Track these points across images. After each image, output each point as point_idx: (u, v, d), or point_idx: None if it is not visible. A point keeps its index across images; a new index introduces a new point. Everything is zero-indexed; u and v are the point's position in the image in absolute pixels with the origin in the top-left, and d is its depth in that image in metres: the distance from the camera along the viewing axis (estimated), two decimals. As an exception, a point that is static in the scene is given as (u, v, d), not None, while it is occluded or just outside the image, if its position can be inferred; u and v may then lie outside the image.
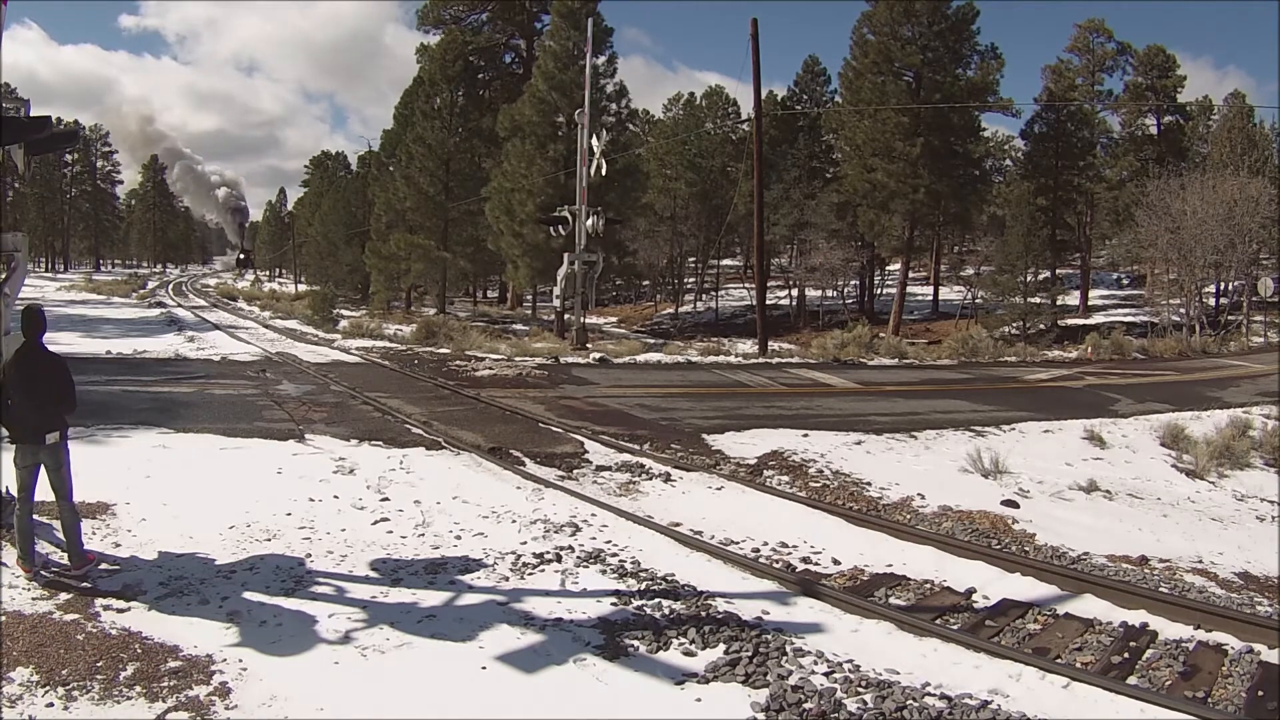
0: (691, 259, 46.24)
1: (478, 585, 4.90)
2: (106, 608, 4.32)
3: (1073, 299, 38.99)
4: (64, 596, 4.44)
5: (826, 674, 3.95)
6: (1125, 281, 44.76)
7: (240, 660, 3.84)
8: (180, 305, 38.28)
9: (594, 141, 19.08)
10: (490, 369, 15.41)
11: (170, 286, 60.18)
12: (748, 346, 23.64)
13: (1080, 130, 37.84)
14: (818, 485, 7.86)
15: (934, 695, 3.77)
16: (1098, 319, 34.64)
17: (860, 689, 3.80)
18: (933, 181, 31.74)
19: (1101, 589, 5.18)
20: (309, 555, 5.22)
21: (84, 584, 4.60)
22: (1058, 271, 37.41)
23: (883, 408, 12.55)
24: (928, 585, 5.37)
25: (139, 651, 3.86)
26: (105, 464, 6.89)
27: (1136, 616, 4.86)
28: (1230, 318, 31.14)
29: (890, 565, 5.69)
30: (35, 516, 4.98)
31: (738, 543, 6.01)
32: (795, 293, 39.60)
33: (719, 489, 7.42)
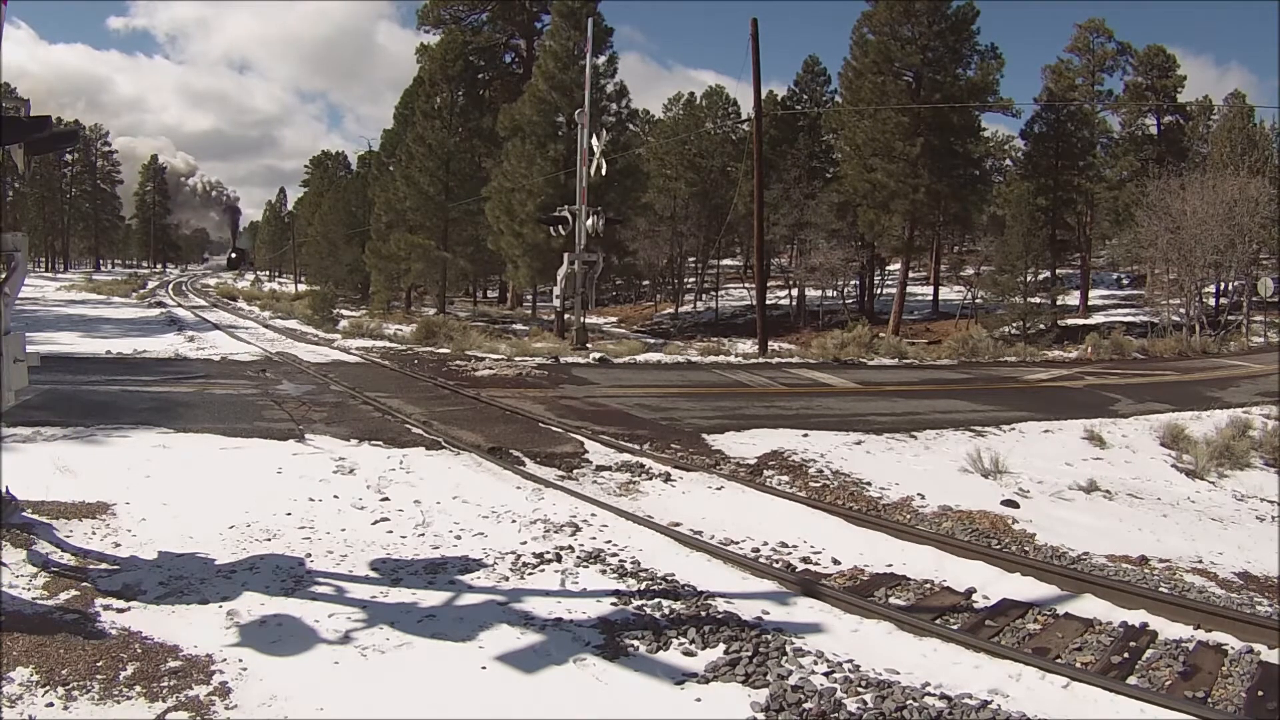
0: (691, 259, 46.23)
1: (478, 585, 4.89)
2: (106, 607, 4.32)
3: (1073, 299, 39.00)
4: (64, 596, 4.44)
5: (826, 674, 3.94)
6: (1125, 281, 44.76)
7: (240, 660, 3.84)
8: (180, 305, 38.29)
9: (594, 141, 19.09)
10: (490, 369, 15.41)
11: (170, 286, 60.21)
12: (748, 346, 23.64)
13: (1080, 130, 37.86)
14: (818, 485, 7.86)
15: (934, 695, 3.77)
16: (1098, 319, 34.65)
17: (860, 689, 3.80)
18: (933, 181, 31.75)
19: (1101, 589, 5.18)
20: (309, 555, 5.21)
21: (84, 583, 4.59)
22: (1058, 271, 37.42)
23: (883, 408, 12.55)
24: (928, 585, 5.37)
25: (139, 651, 3.86)
26: (105, 464, 6.89)
27: (1136, 616, 4.86)
28: (1230, 318, 31.13)
29: (890, 565, 5.69)
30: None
31: (738, 542, 6.00)
32: (795, 293, 39.60)
33: (719, 489, 7.42)
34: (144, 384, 11.82)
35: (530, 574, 5.10)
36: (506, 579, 5.01)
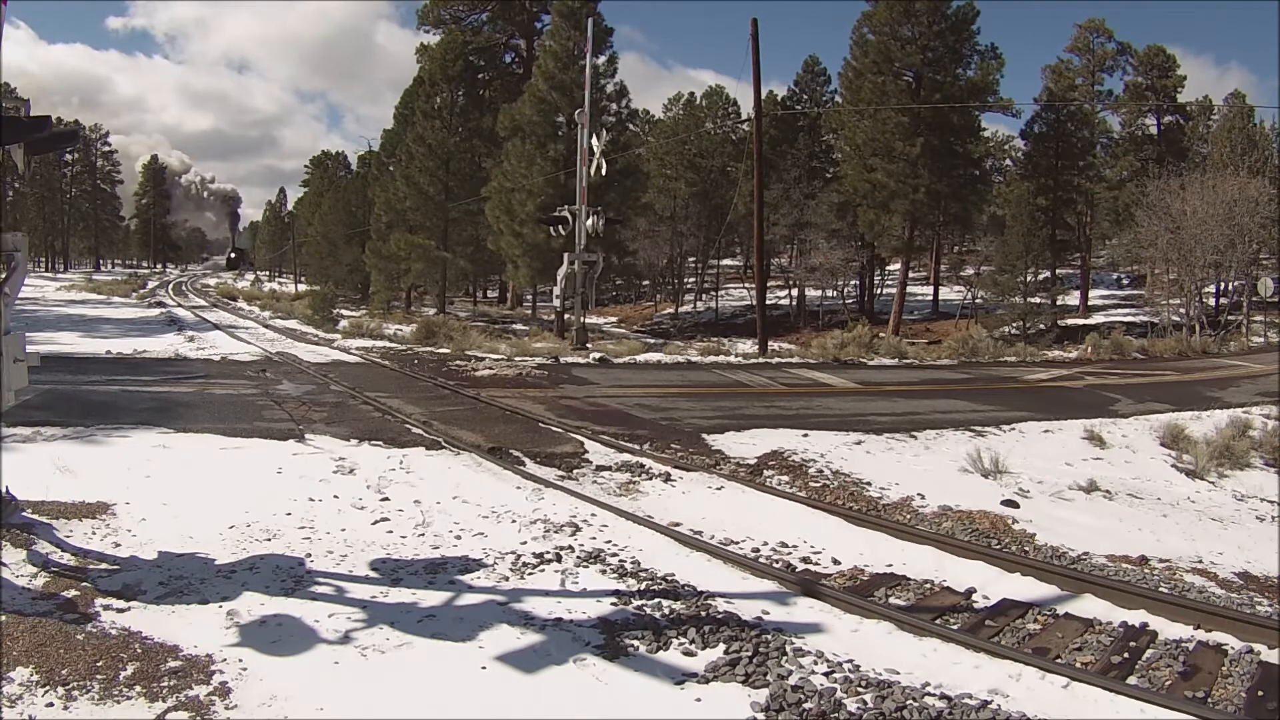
0: (691, 259, 46.24)
1: (478, 585, 4.89)
2: (106, 607, 4.32)
3: (1073, 299, 39.00)
4: (64, 596, 4.44)
5: (826, 674, 3.94)
6: (1125, 281, 44.77)
7: (240, 660, 3.84)
8: (180, 305, 38.29)
9: (594, 141, 19.08)
10: (490, 369, 15.41)
11: (170, 286, 60.22)
12: (748, 346, 23.64)
13: (1080, 130, 37.87)
14: (818, 485, 7.86)
15: (934, 695, 3.77)
16: (1098, 319, 34.65)
17: (860, 689, 3.80)
18: (933, 181, 31.75)
19: (1101, 589, 5.18)
20: (309, 555, 5.21)
21: (84, 583, 4.60)
22: (1058, 271, 37.43)
23: (883, 408, 12.55)
24: (928, 585, 5.37)
25: (139, 651, 3.86)
26: (105, 464, 6.89)
27: (1136, 616, 4.86)
28: (1230, 318, 31.13)
29: (890, 565, 5.69)
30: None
31: (738, 542, 6.00)
32: (795, 293, 39.60)
33: (719, 489, 7.42)
34: (144, 384, 11.82)
35: (530, 574, 5.10)
36: (506, 579, 5.01)
